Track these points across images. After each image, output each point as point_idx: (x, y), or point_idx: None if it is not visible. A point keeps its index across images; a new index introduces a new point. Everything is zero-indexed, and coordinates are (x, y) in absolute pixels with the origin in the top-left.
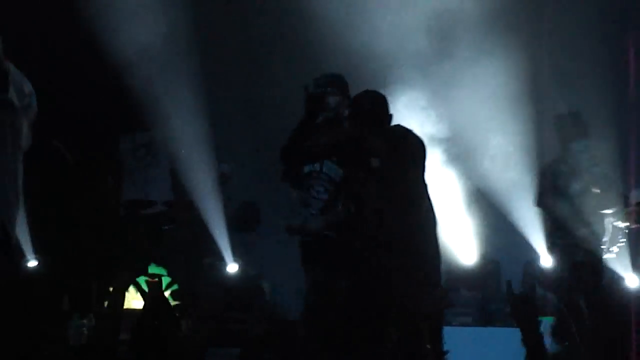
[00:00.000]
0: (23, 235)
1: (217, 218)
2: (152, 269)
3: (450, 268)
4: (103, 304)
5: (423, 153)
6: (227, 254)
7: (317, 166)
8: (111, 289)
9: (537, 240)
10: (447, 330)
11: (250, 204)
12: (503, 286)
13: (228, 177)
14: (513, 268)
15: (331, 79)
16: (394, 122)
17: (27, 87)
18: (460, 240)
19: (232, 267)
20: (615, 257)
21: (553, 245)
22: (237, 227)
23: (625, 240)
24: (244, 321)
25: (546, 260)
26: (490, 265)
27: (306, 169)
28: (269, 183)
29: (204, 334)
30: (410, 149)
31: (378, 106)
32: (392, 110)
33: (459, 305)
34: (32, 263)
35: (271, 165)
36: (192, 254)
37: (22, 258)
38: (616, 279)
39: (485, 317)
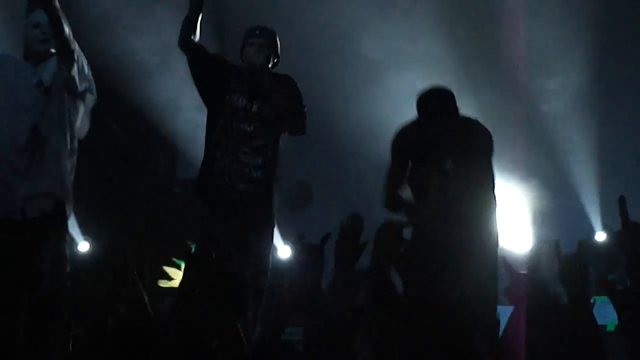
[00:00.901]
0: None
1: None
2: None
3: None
4: (155, 282)
5: (492, 145)
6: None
7: None
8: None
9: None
10: (504, 310)
11: (303, 183)
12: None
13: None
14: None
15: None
16: None
17: (88, 73)
18: (515, 222)
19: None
20: None
21: None
22: (290, 206)
23: None
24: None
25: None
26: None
27: None
28: (321, 163)
29: None
30: (481, 144)
31: (445, 101)
32: None
33: None
34: (84, 245)
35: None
36: None
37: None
38: None
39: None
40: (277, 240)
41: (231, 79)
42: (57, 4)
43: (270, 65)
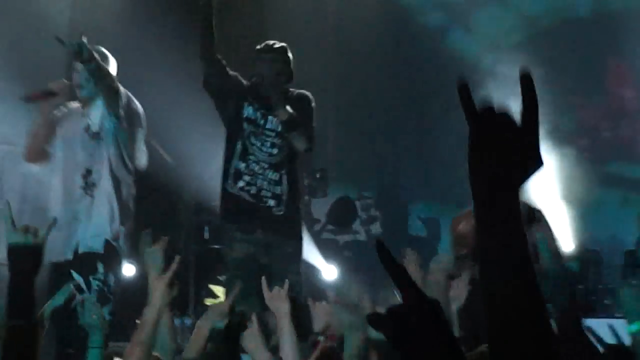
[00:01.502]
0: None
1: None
2: None
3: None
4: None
5: None
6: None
7: None
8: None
9: None
10: None
11: (347, 200)
12: (604, 277)
13: (325, 173)
14: (614, 259)
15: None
16: None
17: (138, 108)
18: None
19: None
20: None
21: None
22: (334, 223)
23: None
24: None
25: None
26: (590, 254)
27: None
28: (365, 179)
29: None
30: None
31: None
32: None
33: None
34: (129, 269)
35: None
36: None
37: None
38: None
39: (587, 308)
40: (318, 259)
41: (246, 96)
42: (97, 58)
43: (283, 80)
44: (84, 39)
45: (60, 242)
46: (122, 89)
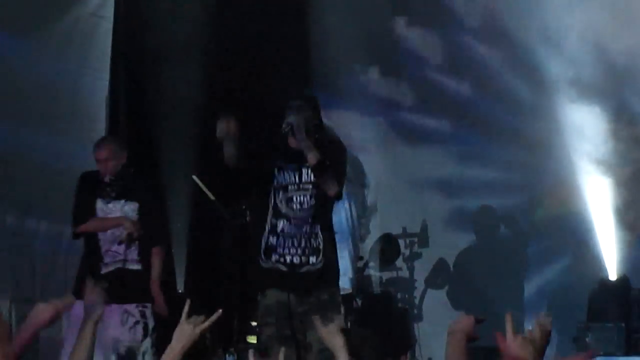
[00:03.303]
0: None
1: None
2: None
3: (591, 296)
4: (245, 339)
5: None
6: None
7: None
8: (254, 323)
9: None
10: None
11: (390, 237)
12: None
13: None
14: None
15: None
16: None
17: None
18: (600, 267)
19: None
20: None
21: None
22: (377, 260)
23: None
24: None
25: None
26: (635, 292)
27: None
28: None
29: None
30: None
31: None
32: None
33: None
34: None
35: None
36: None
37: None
38: None
39: (631, 347)
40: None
41: (275, 162)
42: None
43: (312, 127)
44: None
45: None
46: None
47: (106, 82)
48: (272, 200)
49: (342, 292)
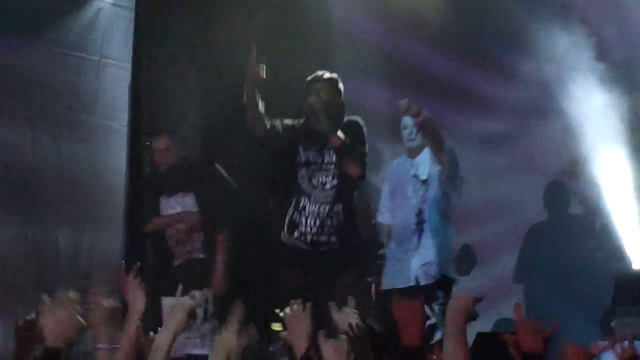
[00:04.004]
0: None
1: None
2: None
3: (617, 280)
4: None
5: None
6: None
7: None
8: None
9: None
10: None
11: (466, 246)
12: None
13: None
14: None
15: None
16: None
17: (455, 157)
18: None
19: None
20: None
21: None
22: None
23: None
24: None
25: None
26: None
27: None
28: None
29: None
30: None
31: None
32: None
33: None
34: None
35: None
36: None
37: None
38: None
39: None
40: None
41: (299, 139)
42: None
43: (334, 109)
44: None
45: (398, 271)
46: (446, 144)
47: (128, 73)
48: (296, 177)
49: (429, 280)
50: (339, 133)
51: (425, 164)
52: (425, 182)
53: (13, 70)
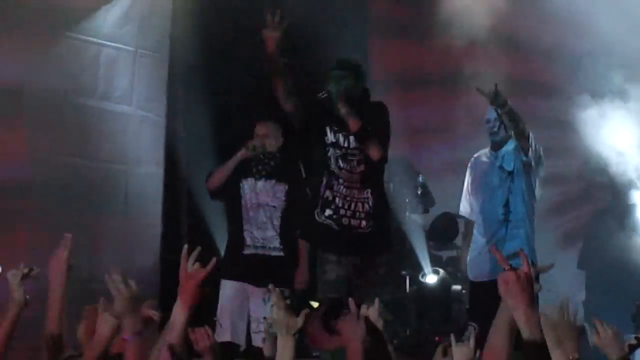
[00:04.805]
0: None
1: (415, 229)
2: None
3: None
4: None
5: None
6: (426, 264)
7: None
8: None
9: None
10: None
11: (450, 215)
12: None
13: (426, 188)
14: None
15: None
16: None
17: (539, 150)
18: None
19: (431, 279)
20: None
21: None
22: (435, 239)
23: None
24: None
25: None
26: None
27: None
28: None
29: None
30: None
31: None
32: None
33: None
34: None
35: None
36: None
37: None
38: None
39: None
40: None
41: (327, 121)
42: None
43: (355, 95)
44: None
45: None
46: (531, 135)
47: (166, 63)
48: (327, 159)
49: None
50: (357, 118)
51: (510, 155)
52: (511, 173)
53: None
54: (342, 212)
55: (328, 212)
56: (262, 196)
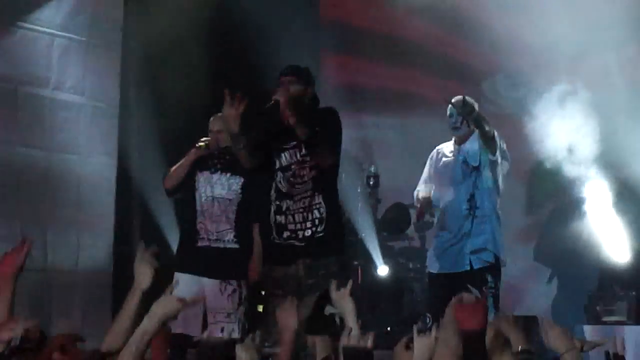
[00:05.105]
0: None
1: (367, 220)
2: None
3: (602, 266)
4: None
5: None
6: (377, 256)
7: None
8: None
9: None
10: (602, 329)
11: (401, 205)
12: None
13: (377, 179)
14: None
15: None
16: None
17: (502, 145)
18: (611, 236)
19: (383, 270)
20: None
21: None
22: (388, 229)
23: None
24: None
25: None
26: None
27: None
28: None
29: None
30: None
31: None
32: None
33: (614, 302)
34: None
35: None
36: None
37: None
38: None
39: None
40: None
41: (275, 144)
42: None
43: (305, 102)
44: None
45: (450, 256)
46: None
47: (118, 53)
48: (274, 183)
49: (483, 265)
50: (307, 125)
51: (475, 150)
52: (476, 168)
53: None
54: (299, 226)
55: (286, 233)
56: (217, 189)
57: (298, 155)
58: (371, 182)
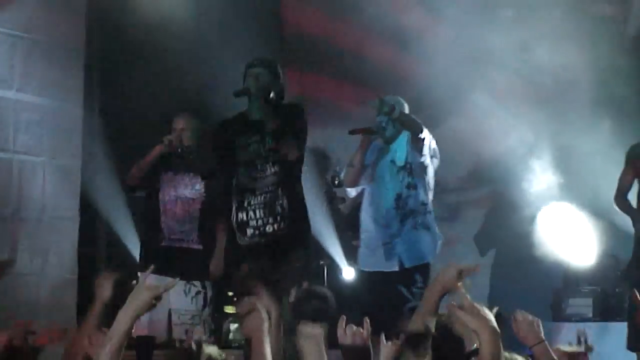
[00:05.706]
0: None
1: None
2: None
3: (567, 263)
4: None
5: None
6: (340, 256)
7: None
8: (230, 293)
9: None
10: (568, 326)
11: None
12: (622, 281)
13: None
14: None
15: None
16: None
17: (432, 142)
18: (577, 236)
19: (348, 270)
20: None
21: None
22: (353, 229)
23: None
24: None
25: None
26: (608, 259)
27: None
28: None
29: None
30: None
31: None
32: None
33: (579, 299)
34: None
35: None
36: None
37: None
38: None
39: (605, 312)
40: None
41: (238, 138)
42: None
43: (272, 94)
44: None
45: (382, 255)
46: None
47: (82, 54)
48: (235, 178)
49: (412, 264)
50: (274, 117)
51: (402, 150)
52: (403, 168)
53: None
54: (261, 222)
55: (249, 231)
56: (181, 189)
57: (262, 150)
58: (336, 182)
